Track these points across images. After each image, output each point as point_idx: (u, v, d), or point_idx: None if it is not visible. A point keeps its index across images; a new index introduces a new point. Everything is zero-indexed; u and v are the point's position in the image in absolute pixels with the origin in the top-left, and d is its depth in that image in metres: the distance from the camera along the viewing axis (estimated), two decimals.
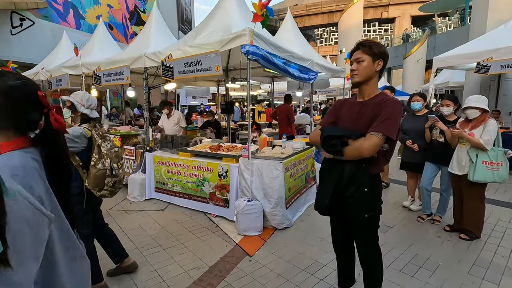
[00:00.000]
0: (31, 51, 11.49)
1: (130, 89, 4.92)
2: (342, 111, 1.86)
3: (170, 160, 4.35)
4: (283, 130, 6.39)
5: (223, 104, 6.23)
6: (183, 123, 5.68)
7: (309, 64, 4.88)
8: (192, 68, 3.94)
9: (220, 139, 7.36)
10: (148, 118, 4.71)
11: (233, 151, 4.09)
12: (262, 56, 3.44)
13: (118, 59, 4.96)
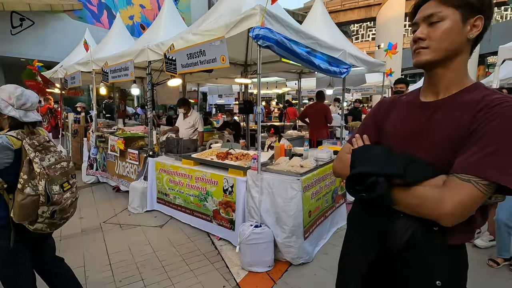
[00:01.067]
0: (65, 51, 11.82)
1: (134, 86, 4.44)
2: (390, 118, 1.04)
3: (172, 168, 3.76)
4: (318, 133, 5.55)
5: (241, 103, 5.55)
6: (199, 126, 5.06)
7: (341, 55, 4.00)
8: (195, 60, 3.28)
9: (238, 143, 6.71)
10: (151, 118, 4.17)
11: (242, 160, 3.37)
12: (277, 42, 2.67)
13: (123, 54, 4.48)
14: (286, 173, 2.77)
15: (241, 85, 8.65)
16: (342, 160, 1.07)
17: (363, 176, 0.88)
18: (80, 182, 5.53)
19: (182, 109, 4.97)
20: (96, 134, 5.22)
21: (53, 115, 7.02)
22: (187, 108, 5.01)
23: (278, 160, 3.10)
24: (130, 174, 4.61)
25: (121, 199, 4.55)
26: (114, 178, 5.04)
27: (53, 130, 7.07)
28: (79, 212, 4.07)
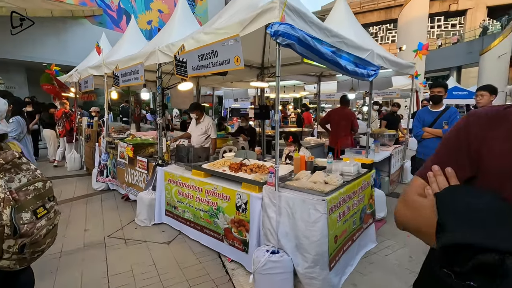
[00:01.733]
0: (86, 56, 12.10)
1: (144, 90, 4.22)
2: (495, 141, 0.66)
3: (181, 179, 3.46)
4: (341, 142, 5.10)
5: (257, 108, 5.23)
6: (212, 133, 4.77)
7: (369, 55, 3.58)
8: (207, 62, 2.98)
9: (253, 150, 6.37)
10: (161, 125, 3.90)
11: (258, 173, 3.02)
12: (299, 40, 2.31)
13: (134, 56, 4.27)
14: (308, 191, 2.38)
15: (257, 89, 8.34)
16: (414, 207, 0.69)
17: (467, 248, 0.50)
18: (90, 189, 5.36)
19: (194, 114, 4.70)
20: (106, 140, 5.04)
21: (68, 119, 6.99)
22: (199, 113, 4.73)
23: (299, 175, 2.72)
24: (139, 183, 4.37)
25: (129, 210, 4.31)
26: (124, 186, 4.82)
27: (68, 134, 7.06)
28: (84, 223, 3.85)
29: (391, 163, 4.99)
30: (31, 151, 4.01)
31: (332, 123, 5.41)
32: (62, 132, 6.99)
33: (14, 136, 3.73)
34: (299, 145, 3.91)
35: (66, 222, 3.91)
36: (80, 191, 5.25)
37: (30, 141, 4.12)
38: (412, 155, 4.70)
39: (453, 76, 22.47)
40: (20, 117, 3.87)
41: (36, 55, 11.73)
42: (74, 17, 13.35)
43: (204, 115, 4.84)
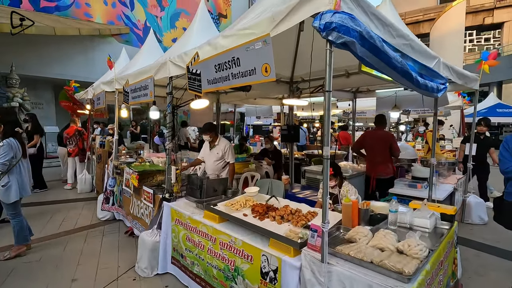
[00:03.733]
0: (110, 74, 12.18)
1: (154, 109, 3.61)
2: None
3: (191, 221, 2.71)
4: (379, 170, 4.18)
5: (284, 129, 4.45)
6: (229, 157, 4.05)
7: (436, 64, 2.74)
8: (226, 73, 2.28)
9: (280, 175, 5.55)
10: (170, 150, 3.22)
11: (292, 222, 2.20)
12: (361, 37, 1.55)
13: (144, 70, 3.71)
14: (376, 269, 1.52)
15: (282, 106, 7.62)
16: None
17: None
18: (94, 218, 4.76)
19: (208, 136, 4.00)
20: (113, 164, 4.46)
21: (81, 137, 6.61)
22: (213, 136, 4.03)
23: (354, 233, 1.87)
24: (145, 217, 3.68)
25: (131, 250, 3.61)
26: (129, 218, 4.16)
27: (80, 153, 6.66)
28: (75, 268, 3.17)
29: (454, 199, 3.98)
30: (25, 179, 3.47)
31: (366, 147, 4.49)
32: (74, 151, 6.53)
33: (3, 162, 3.20)
34: (341, 179, 3.05)
35: (56, 264, 3.26)
36: (83, 221, 4.65)
37: (27, 167, 3.58)
38: (496, 196, 3.69)
39: (493, 92, 20.62)
40: (14, 139, 3.36)
41: (64, 72, 11.86)
42: (101, 36, 13.58)
43: (219, 137, 4.13)
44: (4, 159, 3.21)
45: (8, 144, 3.24)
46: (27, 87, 11.15)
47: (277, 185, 4.01)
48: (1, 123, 3.32)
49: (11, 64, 10.32)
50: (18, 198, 3.37)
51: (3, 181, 3.26)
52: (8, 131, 3.34)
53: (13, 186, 3.32)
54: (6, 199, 3.29)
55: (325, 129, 1.62)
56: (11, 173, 3.31)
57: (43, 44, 11.15)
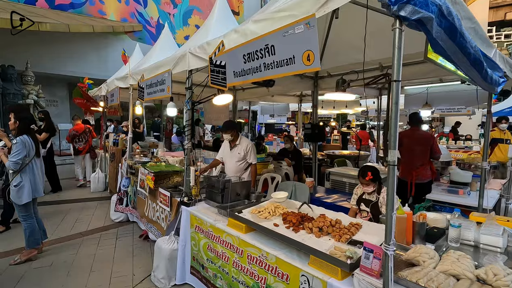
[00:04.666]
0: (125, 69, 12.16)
1: (171, 105, 3.35)
2: None
3: (213, 230, 2.45)
4: (418, 173, 3.81)
5: (308, 127, 4.14)
6: (252, 158, 3.77)
7: (494, 54, 2.38)
8: (258, 64, 1.99)
9: (300, 177, 5.25)
10: (189, 150, 2.96)
11: (333, 234, 1.90)
12: (440, 13, 1.23)
13: (160, 63, 3.46)
14: None
15: (300, 104, 7.30)
16: None
17: None
18: (107, 219, 4.58)
19: (229, 135, 3.71)
20: (127, 163, 4.25)
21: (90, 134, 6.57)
22: (234, 134, 3.75)
23: (415, 253, 1.55)
24: (160, 221, 3.44)
25: (146, 255, 3.39)
26: (143, 221, 3.94)
27: (91, 150, 6.62)
28: (87, 276, 2.96)
29: (500, 207, 3.58)
30: (38, 178, 3.28)
31: (402, 149, 4.11)
32: (85, 148, 6.43)
33: (16, 160, 3.01)
34: (380, 185, 2.72)
35: (67, 270, 3.06)
36: (96, 222, 4.47)
37: (41, 166, 3.39)
38: None
39: None
40: (28, 137, 3.16)
41: (77, 70, 11.85)
42: (114, 33, 13.55)
43: (240, 136, 3.86)
44: (17, 158, 3.02)
45: (21, 142, 3.05)
46: (42, 85, 11.19)
47: (301, 189, 3.71)
48: (16, 119, 3.13)
49: (26, 61, 10.34)
50: (30, 199, 3.18)
51: (16, 180, 3.08)
52: (23, 128, 3.15)
53: (25, 186, 3.13)
54: (18, 200, 3.11)
55: (392, 129, 1.30)
56: (24, 172, 3.12)
57: (57, 41, 11.15)
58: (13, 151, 3.01)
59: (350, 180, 4.01)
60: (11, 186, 3.06)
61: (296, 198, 3.54)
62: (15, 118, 3.13)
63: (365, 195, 2.74)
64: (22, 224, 3.23)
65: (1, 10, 9.57)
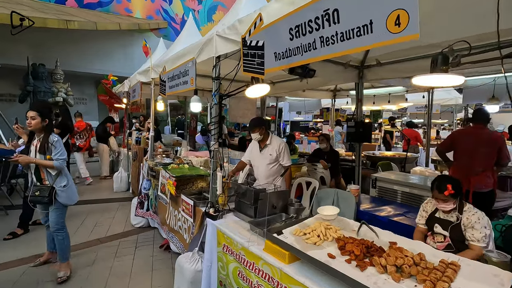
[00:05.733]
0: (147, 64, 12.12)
1: (195, 99, 2.88)
2: None
3: (246, 253, 1.96)
4: (477, 181, 3.12)
5: (351, 125, 3.55)
6: (285, 159, 3.28)
7: None
8: (311, 39, 1.46)
9: (338, 182, 4.64)
10: (216, 152, 2.49)
11: (419, 278, 1.33)
12: None
13: (184, 52, 3.03)
14: None
15: (333, 99, 6.64)
16: None
17: None
18: (128, 223, 4.27)
19: (257, 133, 3.21)
20: (147, 164, 3.90)
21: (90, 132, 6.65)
22: (264, 133, 3.25)
23: None
24: (182, 231, 3.03)
25: (167, 271, 2.99)
26: (165, 228, 3.56)
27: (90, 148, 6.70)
28: None
29: None
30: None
31: (459, 150, 3.39)
32: (85, 146, 6.46)
33: (64, 159, 2.74)
34: (461, 202, 2.08)
35: (81, 285, 2.73)
36: (116, 226, 4.18)
37: None
38: None
39: None
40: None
41: (103, 67, 11.93)
42: (140, 30, 13.56)
43: (270, 135, 3.35)
44: (63, 156, 2.73)
45: (60, 140, 2.76)
46: (71, 83, 11.38)
47: (346, 198, 3.12)
48: (45, 117, 2.72)
49: (56, 60, 10.52)
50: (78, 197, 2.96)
51: (62, 181, 2.77)
52: (50, 128, 2.79)
53: (72, 185, 2.88)
54: (70, 200, 2.84)
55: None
56: (66, 171, 2.84)
57: (84, 40, 11.28)
58: (56, 151, 2.69)
59: (403, 188, 3.36)
60: (57, 188, 2.72)
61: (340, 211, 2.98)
62: (41, 117, 2.70)
63: (440, 214, 2.12)
64: (59, 234, 2.82)
65: (34, 9, 9.78)
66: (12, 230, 3.77)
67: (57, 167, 2.70)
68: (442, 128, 14.49)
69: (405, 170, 4.75)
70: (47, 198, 2.66)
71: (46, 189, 2.68)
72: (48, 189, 2.68)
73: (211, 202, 2.50)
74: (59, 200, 2.73)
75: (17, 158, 2.64)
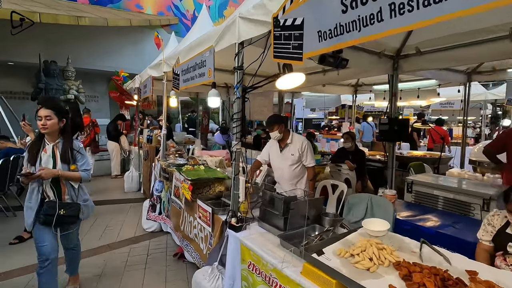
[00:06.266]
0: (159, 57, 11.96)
1: (214, 93, 2.56)
2: None
3: (278, 276, 1.63)
4: None
5: (385, 123, 3.15)
6: (308, 159, 2.96)
7: None
8: (375, 8, 1.11)
9: (364, 184, 4.26)
10: (238, 154, 2.17)
11: None
12: None
13: (200, 41, 2.71)
14: None
15: (354, 95, 6.22)
16: None
17: None
18: (139, 227, 4.01)
19: (276, 131, 2.91)
20: (160, 164, 3.62)
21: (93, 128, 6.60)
22: (283, 130, 2.93)
23: None
24: (199, 240, 2.73)
25: (182, 285, 2.69)
26: (178, 235, 3.27)
27: (93, 143, 6.64)
28: None
29: None
30: None
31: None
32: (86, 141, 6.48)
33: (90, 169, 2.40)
34: None
35: None
36: (127, 230, 3.93)
37: None
38: None
39: None
40: None
41: (115, 64, 11.81)
42: (151, 27, 13.40)
43: (291, 133, 3.03)
44: (90, 166, 2.38)
45: (83, 148, 2.40)
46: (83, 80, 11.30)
47: (381, 205, 2.74)
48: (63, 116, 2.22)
49: (67, 57, 10.42)
50: None
51: (84, 194, 2.38)
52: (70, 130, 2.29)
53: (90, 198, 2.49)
54: (88, 215, 2.45)
55: None
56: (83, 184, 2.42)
57: (95, 37, 11.17)
58: (83, 159, 2.29)
59: (447, 194, 2.96)
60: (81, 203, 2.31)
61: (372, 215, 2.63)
62: (58, 116, 2.17)
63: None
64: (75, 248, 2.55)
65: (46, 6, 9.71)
66: (19, 234, 3.57)
67: (85, 178, 2.28)
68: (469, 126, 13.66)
69: (438, 172, 4.32)
70: (76, 218, 2.25)
71: (74, 207, 2.21)
72: (77, 207, 2.24)
73: (233, 210, 2.18)
74: (81, 218, 2.33)
75: (40, 173, 2.05)
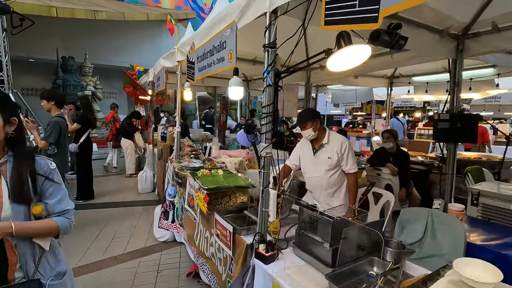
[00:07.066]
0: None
1: (235, 82, 2.04)
2: None
3: None
4: None
5: (445, 119, 2.51)
6: (350, 164, 2.42)
7: None
8: None
9: (410, 192, 3.65)
10: (269, 160, 1.65)
11: None
12: None
13: (218, 19, 2.21)
14: None
15: (389, 88, 5.53)
16: None
17: None
18: (150, 236, 3.61)
19: (310, 129, 2.36)
20: (173, 167, 3.18)
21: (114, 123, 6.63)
22: (318, 128, 2.39)
23: None
24: (217, 262, 2.25)
25: None
26: (193, 249, 2.81)
27: (114, 139, 6.68)
28: None
29: None
30: None
31: None
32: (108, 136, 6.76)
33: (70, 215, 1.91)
34: None
35: None
36: (137, 238, 3.54)
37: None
38: None
39: None
40: None
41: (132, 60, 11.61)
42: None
43: (327, 132, 2.46)
44: (70, 206, 1.17)
45: (56, 169, 1.95)
46: (102, 77, 11.21)
47: (446, 223, 2.13)
48: (11, 114, 1.82)
49: (85, 53, 10.31)
50: None
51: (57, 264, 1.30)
52: (24, 137, 1.85)
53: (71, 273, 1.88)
54: None
55: None
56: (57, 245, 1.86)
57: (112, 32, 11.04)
58: (56, 194, 1.77)
59: None
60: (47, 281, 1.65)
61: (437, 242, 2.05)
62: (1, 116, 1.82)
63: None
64: None
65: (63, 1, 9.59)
66: None
67: (64, 229, 1.21)
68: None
69: (499, 178, 3.62)
70: None
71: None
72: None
73: (260, 233, 1.67)
74: None
75: None
